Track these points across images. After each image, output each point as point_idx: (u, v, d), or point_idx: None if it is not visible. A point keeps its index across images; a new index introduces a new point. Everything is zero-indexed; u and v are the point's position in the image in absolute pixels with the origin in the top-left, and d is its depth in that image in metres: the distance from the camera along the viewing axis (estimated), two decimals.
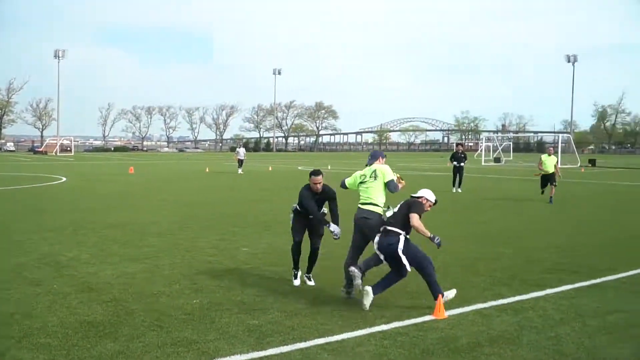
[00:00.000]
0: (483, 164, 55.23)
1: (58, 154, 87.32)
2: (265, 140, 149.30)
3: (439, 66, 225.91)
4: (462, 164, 23.04)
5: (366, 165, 7.91)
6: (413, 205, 7.14)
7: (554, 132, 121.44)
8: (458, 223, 14.19)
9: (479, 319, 6.65)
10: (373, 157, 7.93)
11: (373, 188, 7.51)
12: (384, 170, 7.56)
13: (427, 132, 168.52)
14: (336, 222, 8.05)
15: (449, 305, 6.93)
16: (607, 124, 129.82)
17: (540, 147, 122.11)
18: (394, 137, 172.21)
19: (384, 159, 7.94)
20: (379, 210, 7.42)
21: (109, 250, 10.51)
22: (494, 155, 63.86)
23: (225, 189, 25.64)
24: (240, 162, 37.75)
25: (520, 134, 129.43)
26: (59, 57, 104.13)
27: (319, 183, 7.84)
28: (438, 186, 25.70)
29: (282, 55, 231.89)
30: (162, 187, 26.31)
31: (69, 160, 61.36)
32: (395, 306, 7.12)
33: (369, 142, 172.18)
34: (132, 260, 9.74)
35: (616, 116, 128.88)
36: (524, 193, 23.28)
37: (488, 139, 75.31)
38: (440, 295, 6.85)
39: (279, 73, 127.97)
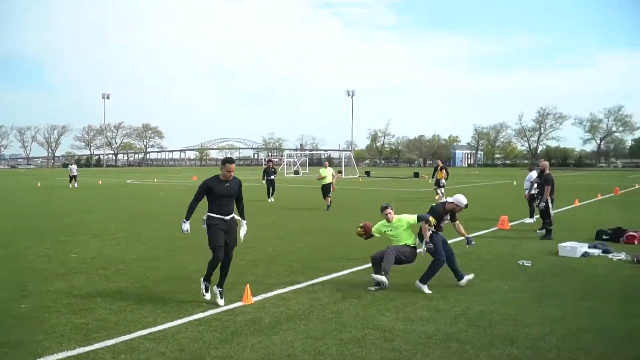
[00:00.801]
0: (285, 175, 56.72)
1: None
2: (96, 157, 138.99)
3: (249, 94, 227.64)
4: (273, 177, 23.05)
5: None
6: (431, 209, 7.83)
7: (339, 150, 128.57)
8: (267, 226, 14.39)
9: (279, 302, 6.80)
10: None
11: None
12: None
13: (241, 150, 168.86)
14: (244, 217, 6.97)
15: (254, 292, 7.00)
16: (378, 144, 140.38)
17: (330, 162, 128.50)
18: (213, 154, 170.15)
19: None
20: None
21: None
22: (294, 169, 65.81)
23: (57, 201, 23.36)
24: (73, 177, 34.84)
25: (314, 151, 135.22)
26: None
27: (233, 171, 6.64)
28: (254, 195, 25.83)
29: (110, 80, 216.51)
30: None
31: None
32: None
33: (192, 158, 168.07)
34: None
35: (384, 138, 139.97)
36: (316, 199, 24.33)
37: (289, 156, 77.41)
38: (247, 285, 6.91)
39: (108, 97, 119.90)
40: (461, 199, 7.83)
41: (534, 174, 14.58)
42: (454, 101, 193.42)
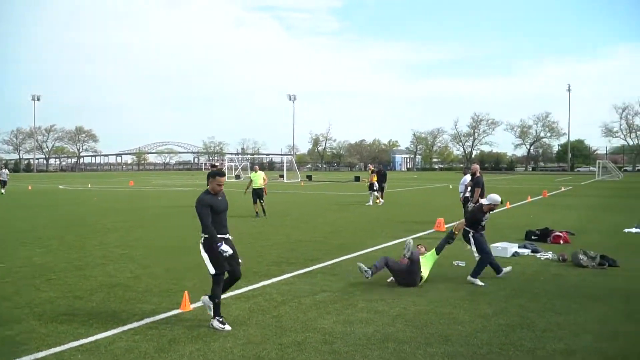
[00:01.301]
0: (226, 180, 56.05)
1: None
2: (26, 162, 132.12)
3: (189, 97, 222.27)
4: None
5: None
6: (472, 212, 8.94)
7: (281, 154, 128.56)
8: None
9: None
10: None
11: None
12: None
13: (180, 154, 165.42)
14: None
15: (193, 298, 6.87)
16: (320, 148, 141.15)
17: (272, 166, 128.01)
18: (152, 158, 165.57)
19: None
20: None
21: None
22: (235, 173, 65.14)
23: None
24: (3, 183, 32.98)
25: (255, 156, 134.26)
26: None
27: (223, 184, 6.22)
28: (194, 200, 25.44)
29: (41, 81, 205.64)
30: None
31: None
32: (147, 304, 6.85)
33: (129, 162, 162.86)
34: None
35: (326, 142, 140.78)
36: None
37: (231, 160, 76.60)
38: (185, 292, 6.78)
39: (38, 99, 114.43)
40: (495, 197, 8.71)
41: (468, 178, 15.09)
42: (393, 106, 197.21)
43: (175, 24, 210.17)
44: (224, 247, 5.81)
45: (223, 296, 7.18)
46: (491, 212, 8.90)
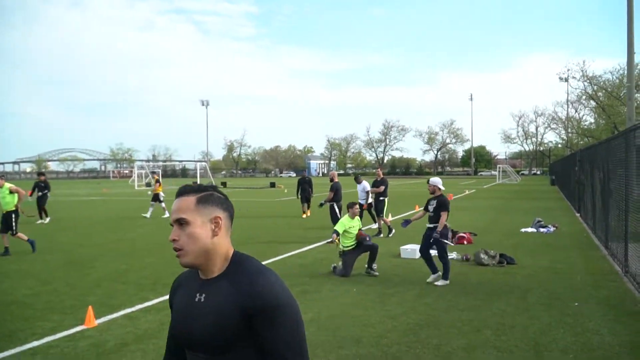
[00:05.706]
0: (136, 188, 53.99)
1: None
2: None
3: (96, 102, 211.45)
4: (45, 192, 19.77)
5: None
6: (445, 203, 8.58)
7: (195, 161, 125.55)
8: (110, 242, 13.54)
9: (126, 322, 6.46)
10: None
11: None
12: None
13: (86, 162, 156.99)
14: None
15: (98, 313, 6.57)
16: (235, 154, 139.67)
17: (185, 173, 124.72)
18: (54, 166, 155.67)
19: None
20: None
21: None
22: (146, 181, 62.89)
23: None
24: None
25: (167, 163, 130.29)
26: None
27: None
28: (97, 209, 24.23)
29: None
30: None
31: None
32: (48, 321, 6.45)
33: (28, 171, 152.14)
34: None
35: (240, 148, 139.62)
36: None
37: (141, 167, 73.84)
38: (89, 307, 6.45)
39: None
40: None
41: (367, 185, 15.42)
42: (308, 113, 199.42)
43: (83, 27, 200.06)
44: None
45: (131, 309, 6.95)
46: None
